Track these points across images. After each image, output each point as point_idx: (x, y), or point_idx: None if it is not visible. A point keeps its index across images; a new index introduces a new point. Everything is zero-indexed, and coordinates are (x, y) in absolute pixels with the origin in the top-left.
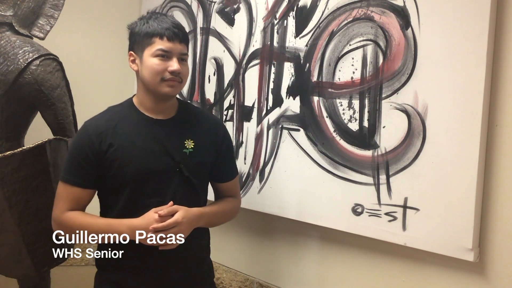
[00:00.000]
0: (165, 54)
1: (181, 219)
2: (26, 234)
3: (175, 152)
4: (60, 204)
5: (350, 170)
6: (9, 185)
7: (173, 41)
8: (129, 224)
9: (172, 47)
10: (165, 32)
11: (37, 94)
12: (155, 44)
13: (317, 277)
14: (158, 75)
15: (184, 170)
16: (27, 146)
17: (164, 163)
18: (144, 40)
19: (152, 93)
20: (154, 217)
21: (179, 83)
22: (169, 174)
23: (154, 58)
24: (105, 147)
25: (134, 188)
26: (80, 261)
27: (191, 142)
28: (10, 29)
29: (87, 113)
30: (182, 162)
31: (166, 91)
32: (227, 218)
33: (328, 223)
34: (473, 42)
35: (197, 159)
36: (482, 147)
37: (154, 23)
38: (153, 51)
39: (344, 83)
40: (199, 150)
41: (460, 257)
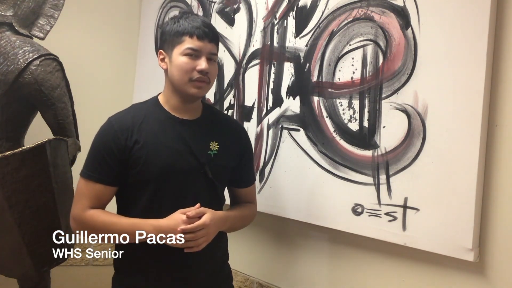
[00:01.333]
0: (194, 53)
1: (209, 222)
2: (26, 234)
3: (200, 153)
4: (81, 201)
5: (350, 170)
6: (9, 185)
7: (203, 40)
8: (154, 224)
9: (201, 46)
10: (195, 31)
11: (37, 94)
12: (185, 42)
13: (316, 276)
14: (186, 74)
15: (208, 172)
16: (27, 146)
17: (189, 163)
18: (174, 39)
19: (179, 92)
20: (182, 218)
21: (207, 83)
22: (193, 175)
23: (183, 57)
24: (131, 143)
25: (157, 187)
26: (80, 261)
27: (216, 144)
28: (10, 29)
29: (87, 113)
30: (206, 163)
31: (193, 92)
32: (245, 224)
33: (328, 223)
34: (473, 42)
35: (221, 162)
36: (482, 147)
37: (185, 22)
38: (183, 50)
39: (344, 83)
40: (223, 153)
41: (460, 257)
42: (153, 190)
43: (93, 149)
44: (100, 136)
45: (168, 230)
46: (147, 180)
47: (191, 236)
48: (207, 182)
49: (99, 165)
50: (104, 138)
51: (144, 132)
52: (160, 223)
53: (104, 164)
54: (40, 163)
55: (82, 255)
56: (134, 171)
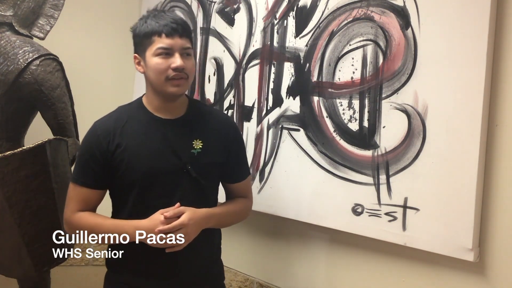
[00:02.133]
0: (166, 52)
1: (187, 221)
2: (26, 234)
3: (183, 153)
4: (70, 205)
5: (350, 170)
6: (9, 185)
7: (172, 36)
8: (135, 225)
9: (172, 43)
10: (163, 29)
11: (37, 94)
12: (155, 43)
13: (316, 276)
14: (162, 74)
15: (192, 171)
16: (27, 146)
17: (172, 163)
18: (144, 41)
19: (159, 93)
20: (160, 219)
21: (185, 80)
22: (176, 175)
23: (156, 58)
24: (113, 147)
25: (142, 189)
26: (80, 261)
27: (199, 142)
28: (10, 29)
29: (87, 113)
30: (189, 162)
31: (172, 91)
32: (238, 219)
33: (328, 223)
34: (473, 42)
35: (206, 160)
36: (482, 147)
37: (152, 21)
38: (154, 50)
39: (344, 83)
40: (208, 150)
41: (460, 257)
42: (138, 192)
43: (79, 154)
44: (84, 141)
45: (148, 231)
46: (131, 182)
47: (170, 236)
48: (191, 181)
49: (84, 169)
50: (88, 143)
51: (126, 135)
52: (141, 224)
53: (89, 169)
54: (40, 163)
55: (82, 255)
56: (118, 174)
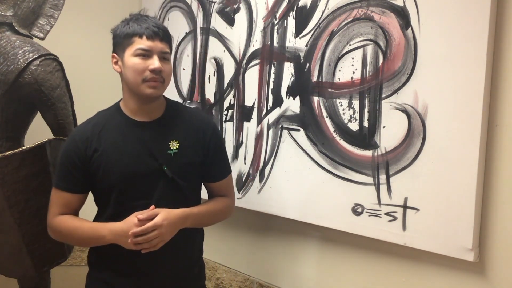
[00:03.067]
0: (145, 53)
1: (161, 222)
2: (26, 234)
3: (159, 154)
4: (52, 209)
5: (350, 170)
6: (9, 185)
7: (153, 39)
8: (110, 228)
9: (152, 46)
10: (144, 31)
11: (37, 94)
12: (135, 43)
13: (317, 277)
14: (139, 74)
15: (168, 171)
16: (27, 146)
17: (149, 165)
18: (124, 41)
19: (135, 94)
20: (134, 221)
21: (161, 83)
22: (154, 177)
23: (134, 58)
24: (90, 153)
25: (120, 192)
26: (80, 261)
27: (176, 143)
28: (10, 29)
29: (87, 113)
30: (165, 163)
31: (148, 93)
32: (218, 218)
33: (328, 223)
34: (473, 42)
35: (183, 160)
36: (482, 147)
37: (134, 24)
38: (133, 51)
39: (344, 83)
40: (185, 151)
41: (460, 257)
42: (117, 195)
43: (59, 160)
44: (64, 147)
45: (122, 233)
46: (109, 186)
47: (143, 238)
48: (169, 182)
49: (65, 175)
50: (67, 149)
51: (103, 140)
52: (115, 226)
53: (69, 174)
54: (40, 163)
55: (82, 255)
56: (96, 178)
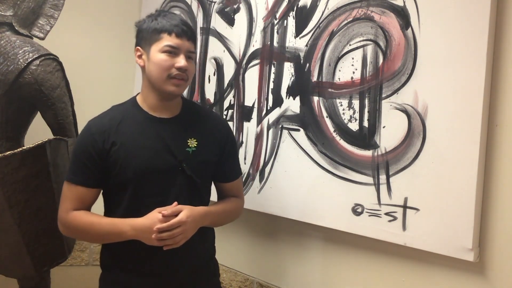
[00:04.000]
0: (173, 51)
1: (186, 219)
2: (26, 234)
3: (178, 151)
4: (65, 204)
5: (350, 170)
6: (9, 185)
7: (181, 38)
8: (132, 224)
9: (180, 44)
10: (173, 28)
11: (37, 94)
12: (163, 40)
13: (317, 276)
14: (165, 71)
15: (187, 169)
16: (27, 146)
17: (167, 162)
18: (152, 36)
19: (156, 90)
20: (158, 217)
21: (185, 81)
22: (171, 173)
23: (161, 54)
24: (108, 146)
25: (137, 187)
26: (80, 261)
27: (194, 141)
28: (10, 29)
29: (87, 113)
30: (184, 161)
31: (171, 90)
32: (231, 218)
33: (328, 223)
34: (473, 42)
35: (200, 158)
36: (482, 147)
37: (163, 20)
38: (161, 47)
39: (344, 83)
40: (202, 149)
41: (460, 257)
42: (133, 190)
43: (74, 153)
44: (79, 140)
45: (145, 229)
46: (126, 181)
47: (168, 234)
48: (186, 179)
49: (80, 168)
50: (83, 142)
51: (121, 134)
52: (137, 222)
53: (84, 167)
54: (40, 163)
55: (82, 255)
56: (113, 173)
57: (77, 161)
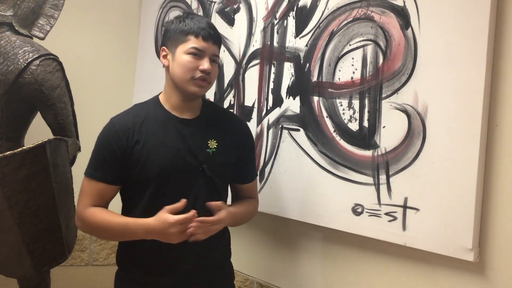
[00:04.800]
0: (198, 53)
1: (225, 218)
2: (26, 234)
3: (199, 152)
4: (83, 200)
5: (350, 170)
6: (9, 185)
7: (208, 41)
8: (144, 226)
9: (206, 47)
10: (201, 31)
11: (37, 94)
12: (190, 42)
13: (317, 276)
14: (189, 72)
15: (207, 170)
16: (27, 146)
17: (188, 162)
18: (179, 37)
19: (179, 90)
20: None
21: (208, 83)
22: (192, 174)
23: (186, 55)
24: (131, 143)
25: (157, 186)
26: (80, 261)
27: (214, 142)
28: (10, 29)
29: (87, 113)
30: (205, 162)
31: (194, 91)
32: (248, 220)
33: (328, 223)
34: (473, 42)
35: (220, 159)
36: (482, 147)
37: (191, 22)
38: (187, 49)
39: (344, 83)
40: (222, 150)
41: (460, 257)
42: (154, 189)
43: (96, 149)
44: (102, 136)
45: (157, 231)
46: (147, 179)
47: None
48: (206, 180)
49: (101, 164)
50: (106, 138)
51: (145, 132)
52: (149, 224)
53: (106, 164)
54: (40, 163)
55: (82, 255)
56: (134, 171)
57: (99, 157)
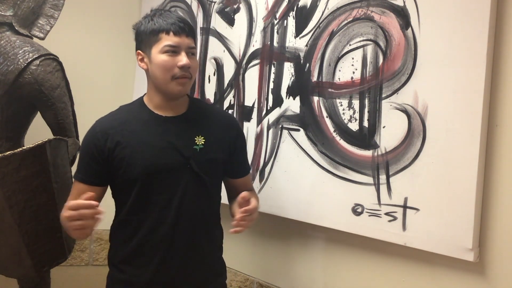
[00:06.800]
0: (173, 50)
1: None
2: (26, 234)
3: (185, 149)
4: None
5: (350, 170)
6: (9, 185)
7: (180, 35)
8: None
9: (179, 42)
10: (171, 27)
11: (37, 94)
12: (162, 40)
13: (317, 276)
14: (168, 71)
15: (194, 166)
16: (27, 146)
17: (174, 159)
18: (150, 38)
19: (161, 91)
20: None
21: (189, 79)
22: (179, 171)
23: (162, 55)
24: (112, 145)
25: (143, 185)
26: (80, 261)
27: (202, 138)
28: (10, 29)
29: (87, 113)
30: (192, 158)
31: (178, 90)
32: None
33: (328, 223)
34: (473, 42)
35: (208, 156)
36: (482, 147)
37: (159, 19)
38: (161, 48)
39: (344, 83)
40: (210, 146)
41: (460, 257)
42: (139, 188)
43: (80, 151)
44: (84, 138)
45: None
46: (132, 179)
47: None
48: (194, 176)
49: (83, 166)
50: (87, 140)
51: (127, 133)
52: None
53: (87, 165)
54: (40, 163)
55: (82, 255)
56: (119, 171)
57: (81, 159)
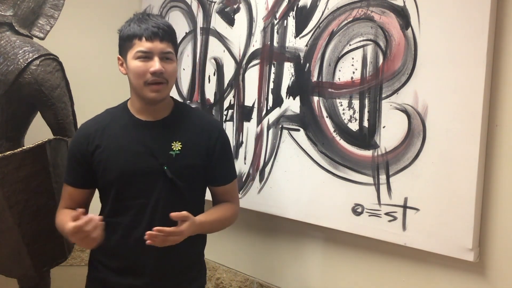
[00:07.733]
0: (146, 55)
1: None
2: (26, 234)
3: (160, 154)
4: (60, 202)
5: (350, 170)
6: (9, 185)
7: (152, 40)
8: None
9: (151, 47)
10: (143, 32)
11: (37, 94)
12: (135, 46)
13: (317, 276)
14: (140, 77)
15: (168, 172)
16: (27, 146)
17: (149, 164)
18: (126, 43)
19: (139, 96)
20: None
21: (165, 84)
22: (153, 176)
23: (135, 61)
24: (92, 148)
25: (119, 189)
26: (80, 261)
27: (179, 144)
28: (10, 29)
29: (87, 113)
30: (167, 164)
31: (151, 96)
32: (224, 226)
33: (328, 223)
34: (473, 42)
35: (185, 161)
36: (482, 147)
37: (135, 25)
38: (134, 53)
39: (344, 83)
40: (187, 152)
41: (460, 257)
42: (115, 192)
43: (67, 154)
44: (71, 141)
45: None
46: (109, 182)
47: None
48: (168, 182)
49: (69, 169)
50: (72, 143)
51: (106, 137)
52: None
53: (72, 168)
54: (40, 163)
55: (82, 255)
56: (98, 175)
57: (67, 162)
